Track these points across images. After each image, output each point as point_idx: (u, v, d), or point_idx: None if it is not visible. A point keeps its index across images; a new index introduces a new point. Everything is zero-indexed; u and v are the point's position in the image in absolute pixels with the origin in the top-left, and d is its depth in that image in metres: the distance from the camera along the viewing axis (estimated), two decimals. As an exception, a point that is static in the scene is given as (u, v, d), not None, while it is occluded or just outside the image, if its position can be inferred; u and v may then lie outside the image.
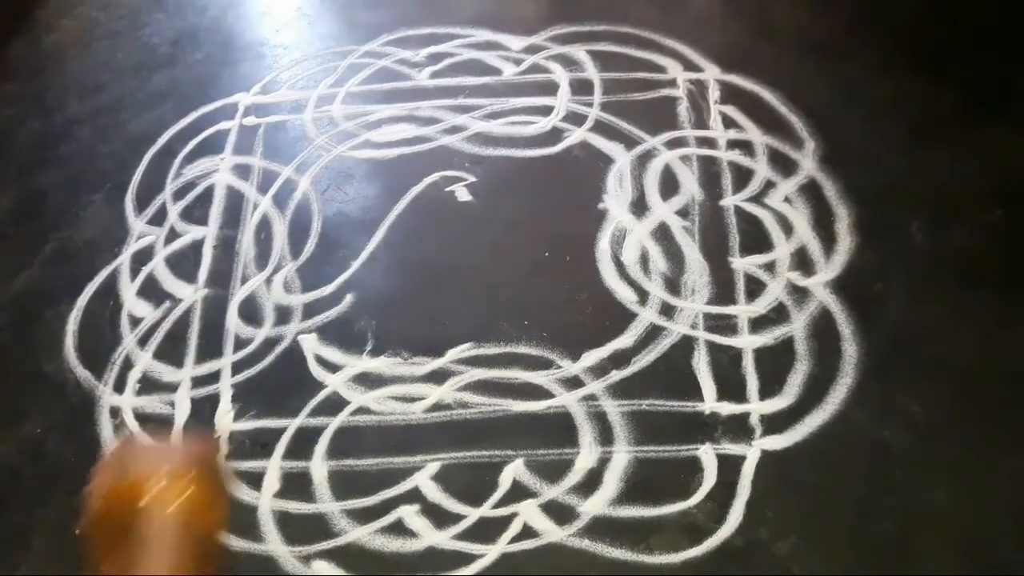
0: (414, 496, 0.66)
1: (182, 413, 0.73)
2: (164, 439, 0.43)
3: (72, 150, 0.96)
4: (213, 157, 0.92)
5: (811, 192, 0.82)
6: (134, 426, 0.72)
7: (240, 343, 0.77)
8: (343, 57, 1.01)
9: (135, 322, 0.79)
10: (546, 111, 0.92)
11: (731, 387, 0.69)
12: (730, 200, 0.82)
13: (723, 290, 0.76)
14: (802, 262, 0.77)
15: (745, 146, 0.86)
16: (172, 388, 0.74)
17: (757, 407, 0.68)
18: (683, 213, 0.82)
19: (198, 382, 0.74)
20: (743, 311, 0.74)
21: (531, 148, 0.88)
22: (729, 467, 0.65)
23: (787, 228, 0.80)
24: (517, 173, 0.80)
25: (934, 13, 0.97)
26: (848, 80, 0.91)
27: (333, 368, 0.73)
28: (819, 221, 0.80)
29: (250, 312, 0.79)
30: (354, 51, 1.01)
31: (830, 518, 0.62)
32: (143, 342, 0.78)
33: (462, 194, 0.84)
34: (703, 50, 0.96)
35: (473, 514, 0.64)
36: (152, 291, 0.81)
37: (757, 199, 0.82)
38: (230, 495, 0.40)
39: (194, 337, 0.77)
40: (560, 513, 0.64)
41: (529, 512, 0.64)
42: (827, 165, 0.84)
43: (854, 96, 0.90)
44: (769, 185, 0.83)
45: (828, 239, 0.78)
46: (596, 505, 0.64)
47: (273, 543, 0.64)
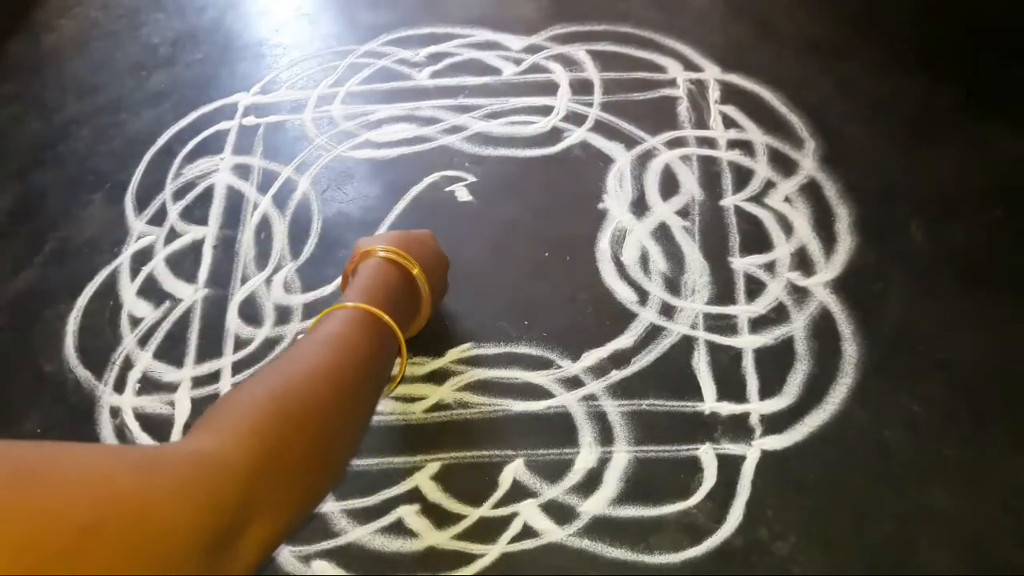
0: (414, 496, 0.66)
1: (182, 413, 0.72)
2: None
3: (71, 150, 0.95)
4: (213, 157, 0.92)
5: (811, 192, 0.82)
6: (134, 426, 0.72)
7: (240, 343, 0.77)
8: (343, 57, 1.01)
9: (135, 322, 0.79)
10: (546, 111, 0.92)
11: (731, 387, 0.69)
12: (730, 200, 0.82)
13: (723, 290, 0.76)
14: (802, 262, 0.77)
15: (745, 146, 0.86)
16: (172, 388, 0.74)
17: (757, 407, 0.68)
18: (683, 213, 0.82)
19: (198, 382, 0.74)
20: (743, 311, 0.74)
21: (531, 148, 0.88)
22: (729, 467, 0.65)
23: (787, 228, 0.80)
24: (517, 173, 0.79)
25: (934, 13, 0.97)
26: (848, 80, 0.91)
27: (333, 368, 0.73)
28: (819, 221, 0.80)
29: (250, 312, 0.79)
30: (354, 51, 1.01)
31: (830, 518, 0.62)
32: (143, 342, 0.78)
33: (462, 194, 0.84)
34: (703, 50, 0.96)
35: (473, 514, 0.64)
36: (152, 291, 0.81)
37: (757, 199, 0.82)
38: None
39: (194, 337, 0.77)
40: (560, 513, 0.64)
41: (529, 512, 0.64)
42: (827, 165, 0.84)
43: (854, 96, 0.90)
44: (769, 185, 0.83)
45: (828, 239, 0.78)
46: (596, 505, 0.64)
47: (273, 543, 0.64)
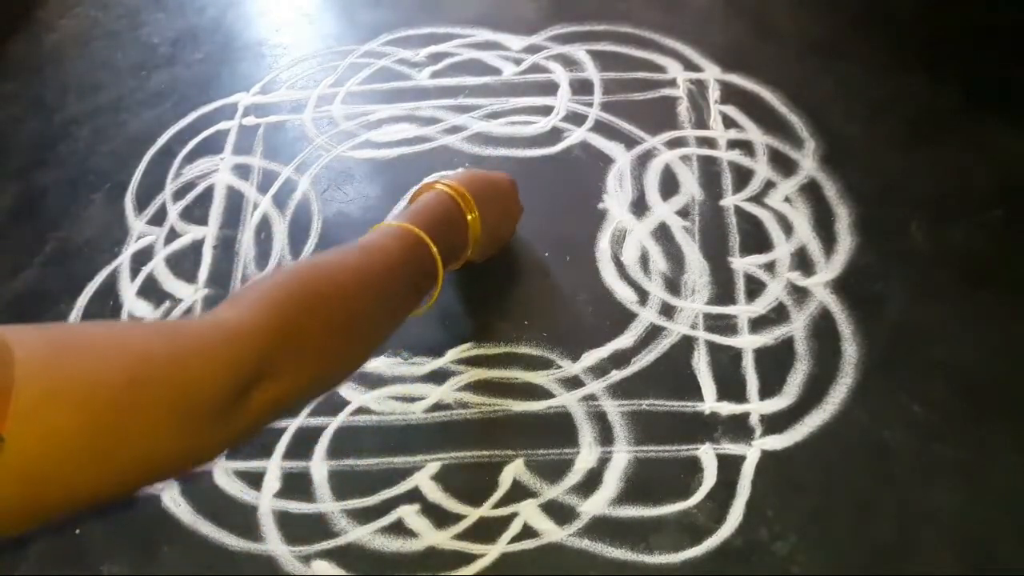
0: (414, 496, 0.66)
1: (182, 413, 0.72)
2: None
3: (71, 150, 0.95)
4: (213, 157, 0.92)
5: (811, 192, 0.82)
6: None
7: (240, 343, 0.76)
8: (343, 57, 1.01)
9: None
10: (546, 111, 0.92)
11: (731, 387, 0.69)
12: (730, 200, 0.82)
13: (723, 290, 0.76)
14: (802, 262, 0.77)
15: (745, 146, 0.86)
16: (172, 388, 0.74)
17: (757, 407, 0.68)
18: (683, 213, 0.82)
19: (198, 382, 0.74)
20: (743, 311, 0.74)
21: (531, 148, 0.88)
22: (729, 467, 0.65)
23: (787, 228, 0.80)
24: (517, 173, 0.79)
25: (934, 13, 0.97)
26: (848, 80, 0.91)
27: (333, 368, 0.73)
28: (819, 221, 0.80)
29: (250, 312, 0.79)
30: (354, 51, 1.01)
31: (830, 518, 0.62)
32: (143, 342, 0.77)
33: None
34: (703, 50, 0.96)
35: (473, 514, 0.64)
36: (152, 291, 0.81)
37: (757, 199, 0.82)
38: None
39: (194, 337, 0.77)
40: (560, 513, 0.64)
41: (529, 512, 0.64)
42: (827, 165, 0.84)
43: (854, 96, 0.90)
44: (769, 185, 0.83)
45: (828, 239, 0.78)
46: (596, 505, 0.64)
47: (273, 543, 0.64)
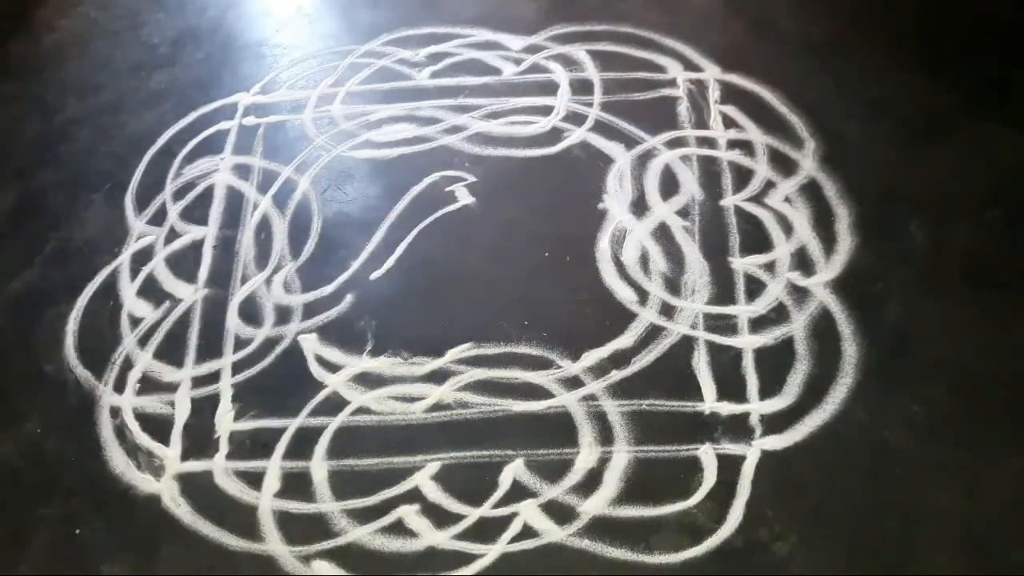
0: (414, 496, 0.66)
1: (182, 413, 0.73)
2: None
3: (72, 150, 0.95)
4: (213, 157, 0.92)
5: (811, 192, 0.82)
6: (134, 426, 0.72)
7: (240, 343, 0.77)
8: (343, 57, 1.01)
9: (135, 322, 0.79)
10: (546, 111, 0.92)
11: (731, 387, 0.69)
12: (730, 200, 0.82)
13: (723, 290, 0.76)
14: (802, 262, 0.77)
15: (745, 146, 0.86)
16: (172, 388, 0.74)
17: (757, 407, 0.68)
18: (683, 213, 0.82)
19: (198, 382, 0.74)
20: (743, 311, 0.74)
21: (531, 148, 0.88)
22: (729, 467, 0.65)
23: (787, 228, 0.80)
24: (517, 173, 0.79)
25: (934, 13, 0.97)
26: (848, 80, 0.91)
27: (333, 368, 0.73)
28: (819, 221, 0.80)
29: (250, 312, 0.79)
30: (354, 51, 1.01)
31: (830, 518, 0.62)
32: (143, 342, 0.78)
33: (462, 195, 0.84)
34: (703, 50, 0.96)
35: (473, 514, 0.64)
36: (152, 291, 0.81)
37: (757, 199, 0.82)
38: None
39: (194, 337, 0.77)
40: (560, 513, 0.64)
41: (529, 512, 0.64)
42: (827, 165, 0.84)
43: (854, 96, 0.90)
44: (769, 185, 0.83)
45: (828, 239, 0.78)
46: (596, 505, 0.64)
47: (273, 543, 0.64)
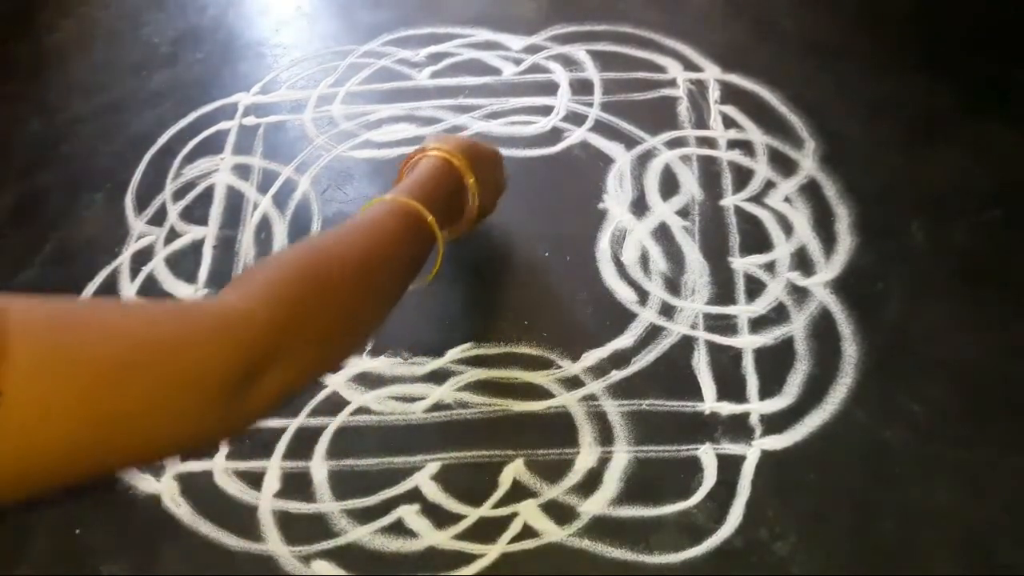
0: (414, 496, 0.66)
1: (182, 413, 0.72)
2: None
3: (72, 150, 0.95)
4: (213, 157, 0.92)
5: (811, 192, 0.82)
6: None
7: (240, 343, 0.76)
8: (343, 57, 1.01)
9: (135, 322, 0.79)
10: (546, 111, 0.92)
11: (731, 387, 0.69)
12: (730, 200, 0.82)
13: (723, 290, 0.76)
14: (802, 262, 0.77)
15: (745, 146, 0.86)
16: (172, 388, 0.74)
17: (757, 407, 0.68)
18: (683, 213, 0.82)
19: (198, 382, 0.74)
20: (743, 311, 0.74)
21: (531, 148, 0.88)
22: (729, 467, 0.65)
23: (787, 228, 0.80)
24: (517, 173, 0.79)
25: (934, 13, 0.97)
26: (848, 80, 0.91)
27: (333, 368, 0.73)
28: (819, 221, 0.80)
29: (250, 312, 0.79)
30: (354, 51, 1.01)
31: (830, 518, 0.62)
32: (143, 342, 0.77)
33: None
34: (703, 50, 0.96)
35: (473, 514, 0.64)
36: (152, 291, 0.81)
37: (757, 199, 0.82)
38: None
39: (194, 337, 0.77)
40: (560, 513, 0.64)
41: (529, 512, 0.64)
42: (827, 165, 0.84)
43: (854, 96, 0.90)
44: (769, 185, 0.83)
45: (828, 239, 0.78)
46: (596, 505, 0.64)
47: (273, 543, 0.64)
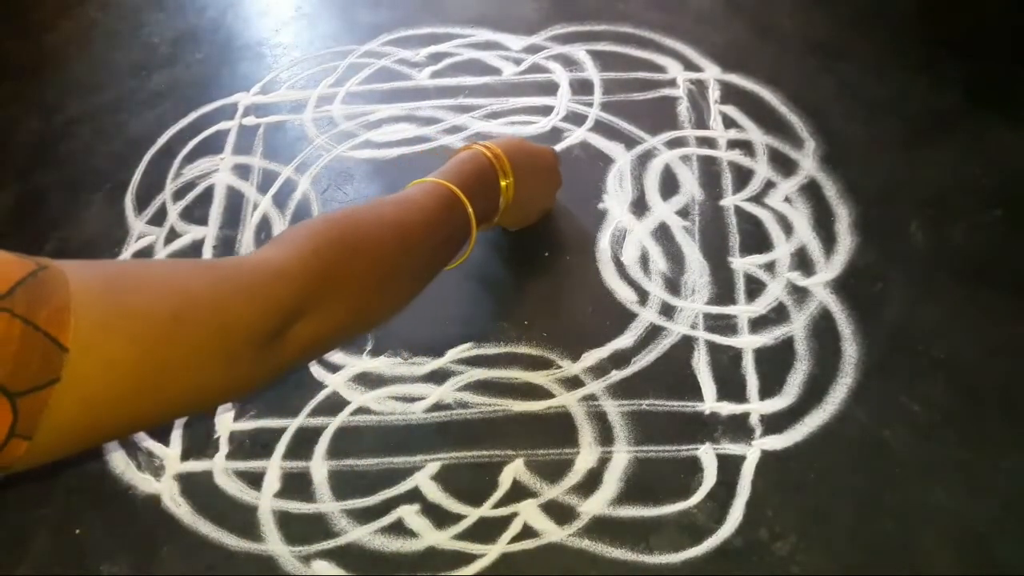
0: (414, 496, 0.66)
1: (182, 413, 0.72)
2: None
3: (71, 150, 0.95)
4: (213, 157, 0.92)
5: (811, 192, 0.82)
6: (134, 426, 0.72)
7: (240, 343, 0.76)
8: (343, 57, 1.01)
9: (135, 322, 0.79)
10: (546, 111, 0.92)
11: (731, 387, 0.69)
12: (730, 200, 0.82)
13: (723, 290, 0.76)
14: (802, 262, 0.77)
15: (745, 146, 0.86)
16: (172, 388, 0.74)
17: (757, 407, 0.68)
18: (683, 213, 0.82)
19: (198, 382, 0.74)
20: (743, 311, 0.74)
21: (531, 148, 0.88)
22: (729, 467, 0.65)
23: (787, 228, 0.80)
24: (517, 173, 0.79)
25: (934, 13, 0.97)
26: (848, 80, 0.91)
27: (333, 368, 0.73)
28: (819, 221, 0.80)
29: (250, 312, 0.79)
30: (354, 51, 1.01)
31: (830, 518, 0.62)
32: (143, 342, 0.77)
33: None
34: (703, 50, 0.96)
35: (473, 514, 0.64)
36: (152, 291, 0.81)
37: (757, 199, 0.82)
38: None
39: (194, 337, 0.77)
40: (560, 513, 0.64)
41: (529, 512, 0.64)
42: (827, 165, 0.84)
43: (854, 96, 0.90)
44: (769, 185, 0.83)
45: (828, 239, 0.78)
46: (596, 505, 0.64)
47: (273, 543, 0.64)
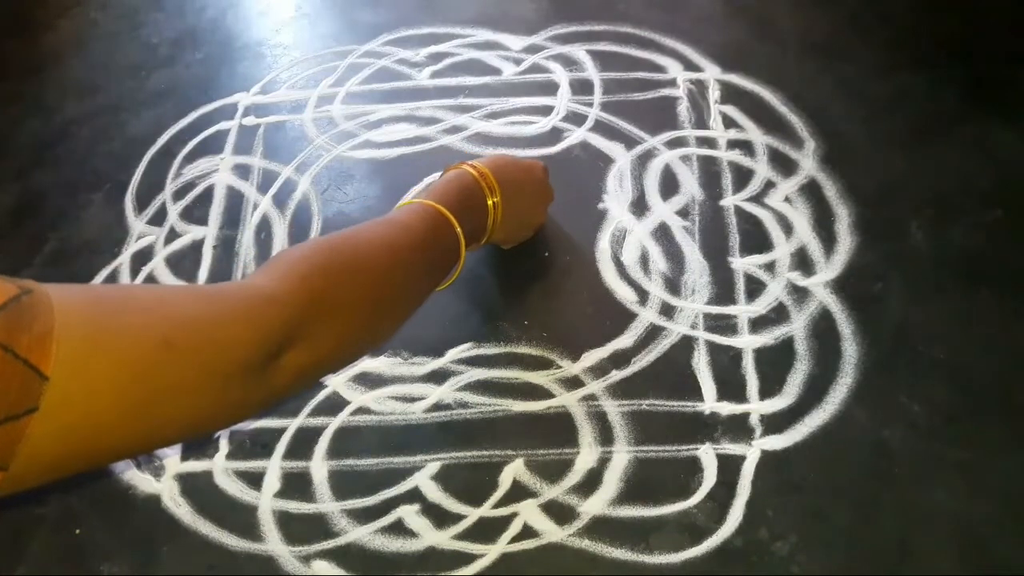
0: (414, 496, 0.66)
1: (182, 413, 0.72)
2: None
3: (71, 150, 0.95)
4: (213, 157, 0.92)
5: (811, 192, 0.82)
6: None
7: (240, 343, 0.76)
8: (343, 57, 1.01)
9: (135, 322, 0.79)
10: (546, 111, 0.92)
11: (731, 387, 0.69)
12: (730, 200, 0.82)
13: (723, 290, 0.76)
14: (802, 262, 0.77)
15: (745, 146, 0.86)
16: (172, 388, 0.74)
17: (757, 407, 0.68)
18: (683, 213, 0.82)
19: (198, 382, 0.74)
20: (743, 311, 0.74)
21: (531, 148, 0.88)
22: (729, 467, 0.65)
23: (787, 228, 0.80)
24: (517, 173, 0.79)
25: (935, 12, 0.97)
26: (848, 80, 0.91)
27: (333, 368, 0.73)
28: (819, 221, 0.80)
29: (250, 312, 0.79)
30: (354, 51, 1.01)
31: (830, 518, 0.62)
32: (143, 342, 0.77)
33: None
34: (703, 50, 0.96)
35: (473, 514, 0.64)
36: (152, 291, 0.81)
37: (757, 199, 0.82)
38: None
39: (194, 337, 0.77)
40: (560, 513, 0.64)
41: (529, 512, 0.64)
42: (827, 165, 0.84)
43: (854, 96, 0.90)
44: (769, 185, 0.83)
45: (828, 239, 0.78)
46: (596, 505, 0.64)
47: (273, 543, 0.64)
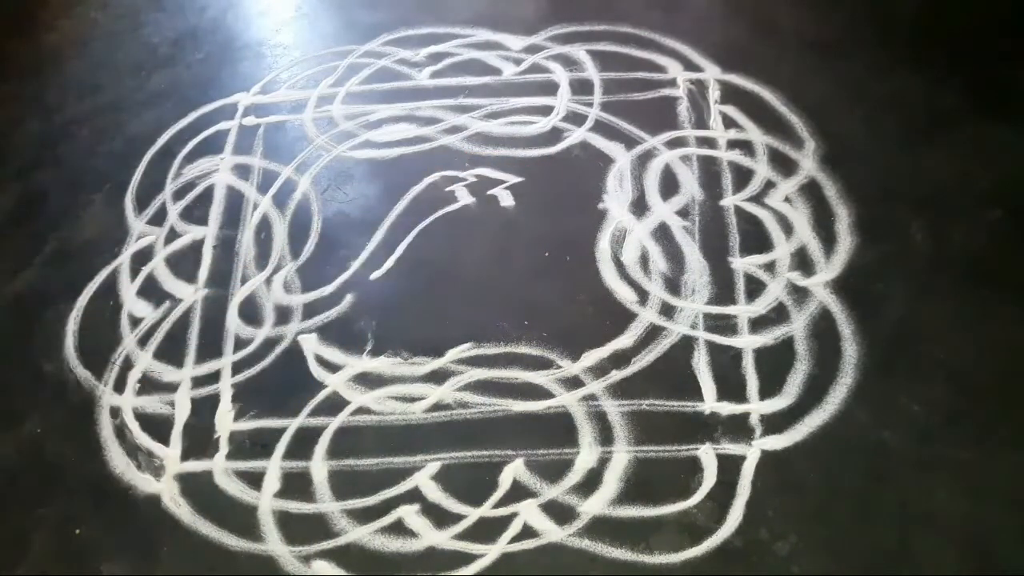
0: (414, 496, 0.66)
1: (182, 413, 0.73)
2: None
3: (71, 150, 0.95)
4: (213, 157, 0.92)
5: (811, 192, 0.82)
6: (134, 426, 0.72)
7: (240, 343, 0.77)
8: (343, 57, 1.01)
9: (135, 322, 0.79)
10: (546, 111, 0.92)
11: (731, 387, 0.69)
12: (730, 200, 0.82)
13: (723, 290, 0.76)
14: (802, 262, 0.77)
15: (745, 146, 0.86)
16: (172, 388, 0.74)
17: (757, 407, 0.68)
18: (683, 213, 0.82)
19: (198, 382, 0.74)
20: (743, 311, 0.74)
21: (531, 148, 0.88)
22: (729, 467, 0.65)
23: (787, 228, 0.80)
24: (517, 173, 0.79)
25: (934, 13, 0.97)
26: (848, 80, 0.91)
27: (333, 368, 0.73)
28: (819, 221, 0.80)
29: (250, 312, 0.79)
30: (354, 51, 1.01)
31: (830, 518, 0.62)
32: (143, 342, 0.78)
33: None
34: (703, 50, 0.96)
35: (473, 514, 0.64)
36: (152, 291, 0.81)
37: (757, 199, 0.82)
38: None
39: (194, 337, 0.77)
40: (560, 513, 0.64)
41: (529, 512, 0.64)
42: (827, 165, 0.84)
43: (854, 96, 0.90)
44: (769, 185, 0.83)
45: (828, 239, 0.78)
46: (596, 505, 0.64)
47: (273, 543, 0.64)
